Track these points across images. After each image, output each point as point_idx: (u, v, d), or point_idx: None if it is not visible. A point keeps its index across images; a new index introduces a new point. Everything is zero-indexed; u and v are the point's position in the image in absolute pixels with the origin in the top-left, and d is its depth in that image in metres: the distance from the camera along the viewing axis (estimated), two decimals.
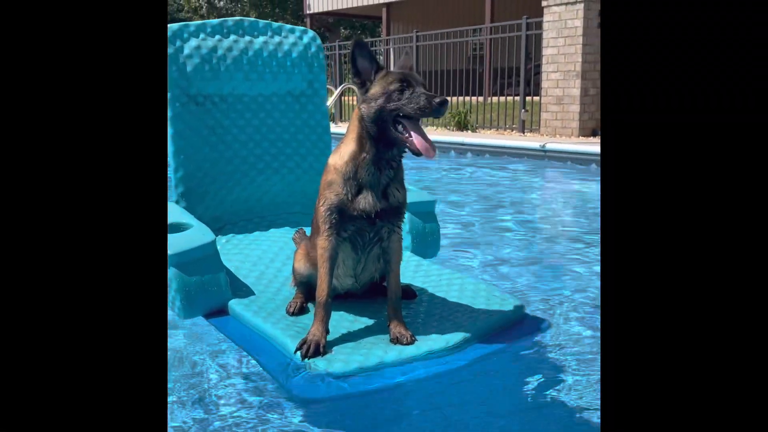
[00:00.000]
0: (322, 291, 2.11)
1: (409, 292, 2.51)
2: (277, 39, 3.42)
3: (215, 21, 3.28)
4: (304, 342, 2.03)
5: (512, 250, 3.90)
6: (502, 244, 4.09)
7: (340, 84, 13.63)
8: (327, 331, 2.09)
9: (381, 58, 19.66)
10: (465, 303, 2.46)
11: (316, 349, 2.00)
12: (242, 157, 3.38)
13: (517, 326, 2.39)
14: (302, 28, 3.54)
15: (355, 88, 2.02)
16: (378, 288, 2.49)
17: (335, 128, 12.11)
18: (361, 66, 1.99)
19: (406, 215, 3.07)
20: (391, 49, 17.00)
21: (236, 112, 3.34)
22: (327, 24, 30.30)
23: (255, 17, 31.35)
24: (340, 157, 2.11)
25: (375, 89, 1.97)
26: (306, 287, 2.44)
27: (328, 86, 13.89)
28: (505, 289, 2.99)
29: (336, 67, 14.88)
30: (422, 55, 12.71)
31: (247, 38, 3.34)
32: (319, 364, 1.97)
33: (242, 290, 2.55)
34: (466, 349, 2.14)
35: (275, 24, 3.46)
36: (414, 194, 3.20)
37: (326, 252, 2.11)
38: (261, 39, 3.37)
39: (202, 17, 33.42)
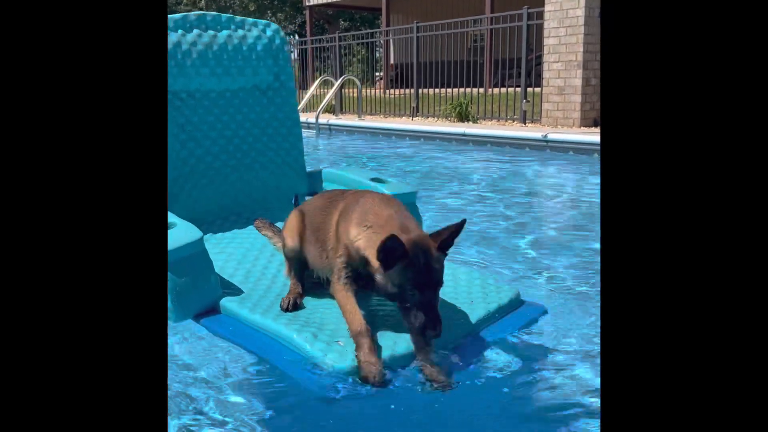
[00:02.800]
0: (357, 323, 2.01)
1: None
2: (240, 33, 3.38)
3: (177, 15, 3.22)
4: (365, 380, 1.89)
5: (508, 239, 3.89)
6: (496, 233, 4.08)
7: (340, 76, 13.53)
8: (381, 365, 1.91)
9: (381, 51, 19.58)
10: (462, 292, 2.46)
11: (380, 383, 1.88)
12: (214, 154, 3.32)
13: (514, 313, 2.41)
14: (265, 21, 3.51)
15: (377, 264, 1.96)
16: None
17: (336, 120, 12.12)
18: (390, 248, 1.88)
19: None
20: (391, 41, 16.90)
21: (204, 108, 3.27)
22: (326, 16, 30.20)
23: (254, 9, 31.32)
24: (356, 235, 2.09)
25: (394, 276, 1.92)
26: (298, 263, 2.46)
27: (327, 77, 13.83)
28: (498, 277, 2.97)
29: (336, 59, 14.77)
30: (422, 46, 12.61)
31: (211, 32, 3.28)
32: (333, 357, 1.94)
33: (231, 289, 2.48)
34: (469, 340, 2.16)
35: (238, 17, 3.42)
36: (394, 186, 3.19)
37: (347, 293, 2.12)
38: (225, 33, 3.32)
39: (201, 9, 33.32)
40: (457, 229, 1.98)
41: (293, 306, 2.30)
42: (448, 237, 1.97)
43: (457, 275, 2.61)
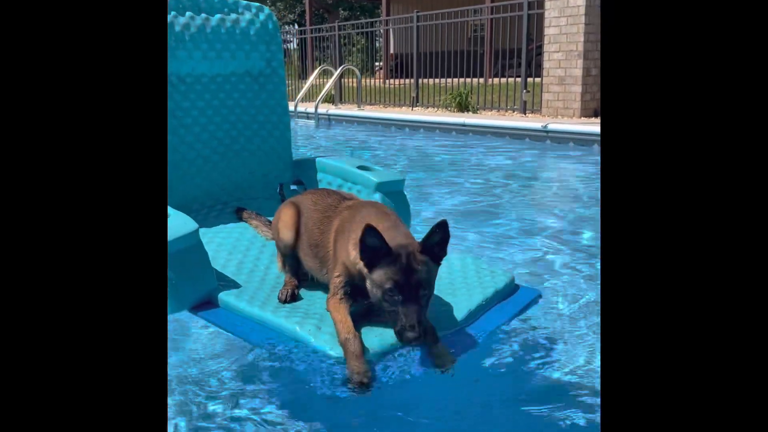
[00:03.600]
0: (344, 330, 1.96)
1: None
2: (233, 16, 3.31)
3: None
4: (353, 386, 1.85)
5: (505, 229, 3.89)
6: (489, 219, 4.09)
7: (340, 65, 13.45)
8: (368, 368, 1.87)
9: (380, 40, 19.48)
10: (457, 278, 2.46)
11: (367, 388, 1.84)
12: (203, 142, 3.26)
13: (510, 298, 2.42)
14: (258, 4, 3.41)
15: (362, 267, 1.94)
16: None
17: (336, 110, 12.06)
18: (371, 245, 1.87)
19: (377, 195, 3.05)
20: (391, 31, 16.81)
21: (195, 94, 3.21)
22: (326, 5, 30.03)
23: None
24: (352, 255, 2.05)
25: (377, 276, 1.89)
26: (293, 259, 2.42)
27: (327, 67, 13.73)
28: (491, 262, 2.96)
29: (335, 48, 14.68)
30: (422, 36, 12.52)
31: (204, 15, 3.21)
32: (338, 349, 1.92)
33: (225, 280, 2.46)
34: (466, 327, 2.15)
35: (230, 0, 3.34)
36: (382, 174, 3.19)
37: (340, 305, 2.08)
38: (218, 16, 3.25)
39: None
40: (441, 232, 1.91)
41: (291, 297, 2.29)
42: (429, 238, 1.91)
43: (450, 262, 2.58)
